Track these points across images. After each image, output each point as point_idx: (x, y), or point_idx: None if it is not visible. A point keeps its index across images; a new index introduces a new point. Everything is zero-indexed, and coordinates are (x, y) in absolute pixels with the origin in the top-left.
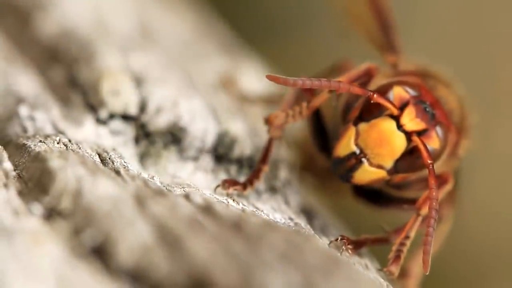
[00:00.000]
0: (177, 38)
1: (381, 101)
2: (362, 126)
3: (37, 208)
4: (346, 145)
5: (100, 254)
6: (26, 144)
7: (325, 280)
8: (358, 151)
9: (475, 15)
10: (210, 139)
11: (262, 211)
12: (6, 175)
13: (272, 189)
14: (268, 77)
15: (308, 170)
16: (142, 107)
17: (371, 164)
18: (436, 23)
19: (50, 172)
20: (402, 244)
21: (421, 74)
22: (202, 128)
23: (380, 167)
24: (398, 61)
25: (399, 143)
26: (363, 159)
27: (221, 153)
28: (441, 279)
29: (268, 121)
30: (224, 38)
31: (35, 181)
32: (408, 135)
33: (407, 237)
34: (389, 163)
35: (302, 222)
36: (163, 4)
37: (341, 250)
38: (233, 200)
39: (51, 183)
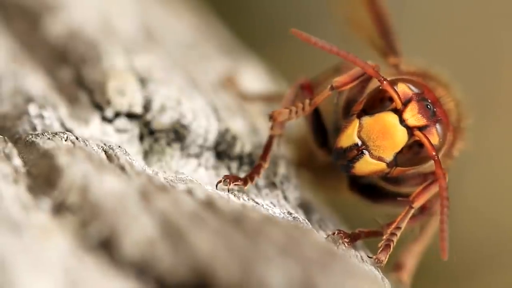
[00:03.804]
0: (179, 39)
1: (389, 89)
2: (366, 119)
3: (46, 203)
4: (349, 137)
5: (106, 247)
6: (35, 142)
7: (322, 273)
8: (360, 143)
9: (473, 15)
10: (211, 137)
11: (262, 206)
12: (16, 171)
13: (272, 185)
14: (293, 31)
15: (304, 166)
16: (147, 106)
17: (372, 156)
18: (433, 23)
19: (58, 169)
20: (392, 234)
21: (422, 75)
22: (204, 126)
23: (380, 159)
24: (399, 63)
25: (401, 137)
26: (365, 151)
27: (222, 150)
28: (432, 272)
29: (272, 118)
30: (224, 39)
31: (43, 177)
32: (410, 129)
33: (398, 227)
34: (389, 156)
35: (300, 216)
36: (165, 6)
37: (338, 244)
38: (234, 196)
39: (59, 179)
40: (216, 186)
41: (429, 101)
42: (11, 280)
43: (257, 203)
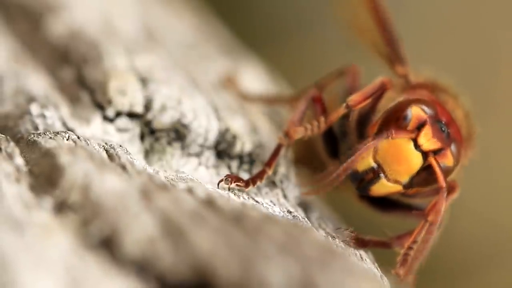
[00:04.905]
0: (180, 39)
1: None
2: (381, 143)
3: (47, 202)
4: (365, 160)
5: (107, 246)
6: (36, 141)
7: (322, 271)
8: (376, 166)
9: (471, 14)
10: (212, 136)
11: (261, 204)
12: (18, 170)
13: (271, 184)
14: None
15: (303, 164)
16: (147, 106)
17: (388, 179)
18: (431, 22)
19: (59, 168)
20: (409, 248)
21: (431, 86)
22: (204, 126)
23: (396, 182)
24: (408, 73)
25: (416, 162)
26: (381, 174)
27: (222, 149)
28: (431, 272)
29: (288, 135)
30: (224, 39)
31: (45, 176)
32: (425, 154)
33: (415, 241)
34: (405, 179)
35: (300, 215)
36: (166, 6)
37: (337, 240)
38: (234, 194)
39: (61, 178)
40: (218, 185)
41: (443, 122)
42: (12, 279)
43: (257, 201)
